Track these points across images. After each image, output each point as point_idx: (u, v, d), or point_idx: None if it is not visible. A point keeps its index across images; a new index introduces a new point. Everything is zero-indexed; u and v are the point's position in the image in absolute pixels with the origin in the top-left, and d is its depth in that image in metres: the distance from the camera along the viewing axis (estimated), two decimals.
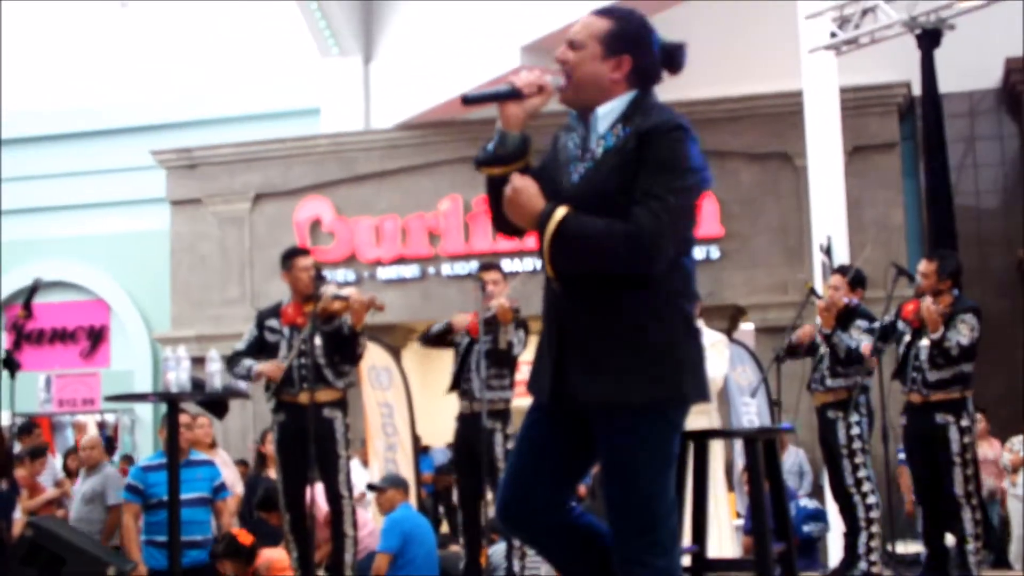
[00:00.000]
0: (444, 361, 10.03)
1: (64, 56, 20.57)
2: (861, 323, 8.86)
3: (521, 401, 8.93)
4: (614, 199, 3.81)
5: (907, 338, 8.45)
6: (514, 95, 3.94)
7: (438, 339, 9.23)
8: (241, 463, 14.48)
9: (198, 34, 20.08)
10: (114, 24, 20.52)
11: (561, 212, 3.77)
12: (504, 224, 4.07)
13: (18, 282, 19.41)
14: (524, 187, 3.84)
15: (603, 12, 4.02)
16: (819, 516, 12.02)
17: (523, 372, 9.31)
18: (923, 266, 8.51)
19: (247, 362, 8.28)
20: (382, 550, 9.97)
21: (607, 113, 3.97)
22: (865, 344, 8.70)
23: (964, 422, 8.20)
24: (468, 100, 4.01)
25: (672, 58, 4.04)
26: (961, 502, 8.17)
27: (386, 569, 9.86)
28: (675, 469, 3.96)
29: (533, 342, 8.86)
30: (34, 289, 8.25)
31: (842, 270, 9.52)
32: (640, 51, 3.98)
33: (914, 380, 8.34)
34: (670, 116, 3.89)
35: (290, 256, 8.52)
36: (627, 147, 3.87)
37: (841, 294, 9.02)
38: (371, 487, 10.63)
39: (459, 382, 9.02)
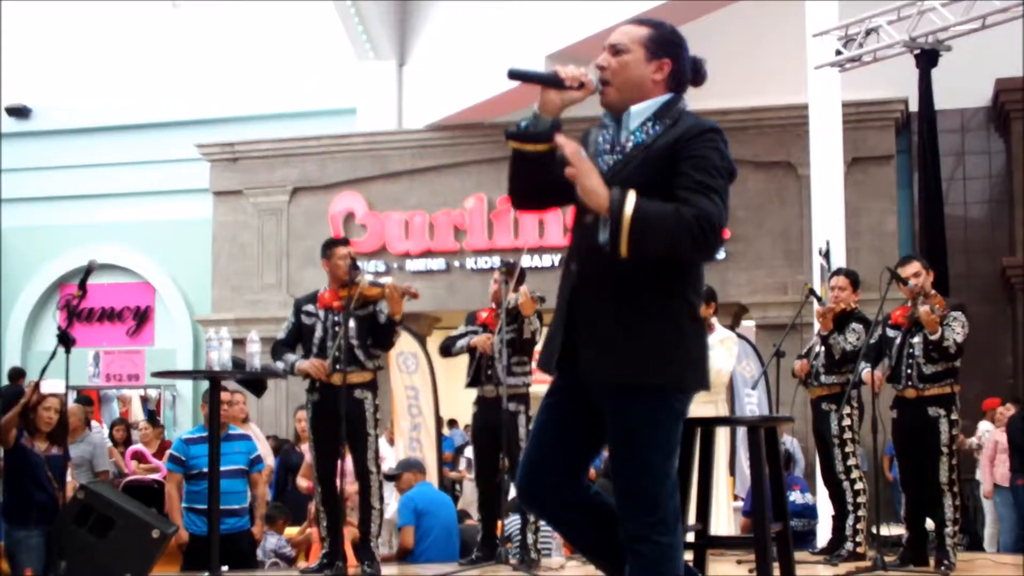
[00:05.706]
0: None
1: (119, 54, 20.71)
2: (856, 326, 8.94)
3: (539, 386, 9.04)
4: (639, 192, 3.80)
5: (898, 341, 8.52)
6: (556, 83, 3.92)
7: (457, 353, 9.32)
8: (271, 438, 14.59)
9: (242, 35, 20.20)
10: (165, 25, 20.66)
11: (634, 195, 3.73)
12: (522, 198, 4.12)
13: (73, 263, 19.64)
14: (592, 169, 3.80)
15: (640, 21, 4.05)
16: (805, 512, 11.70)
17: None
18: (914, 268, 8.60)
19: (290, 357, 8.28)
20: (402, 524, 10.12)
21: (640, 111, 4.00)
22: (873, 372, 8.71)
23: (954, 415, 8.28)
24: (513, 74, 3.98)
25: (698, 70, 4.11)
26: (944, 489, 8.24)
27: (412, 539, 10.00)
28: (678, 453, 4.02)
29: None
30: (89, 271, 8.23)
31: (845, 272, 9.60)
32: (678, 57, 4.03)
33: (908, 376, 8.39)
34: (704, 121, 3.94)
35: (330, 245, 8.59)
36: (656, 144, 3.91)
37: (847, 293, 9.12)
38: (387, 476, 10.66)
39: (479, 376, 9.10)
